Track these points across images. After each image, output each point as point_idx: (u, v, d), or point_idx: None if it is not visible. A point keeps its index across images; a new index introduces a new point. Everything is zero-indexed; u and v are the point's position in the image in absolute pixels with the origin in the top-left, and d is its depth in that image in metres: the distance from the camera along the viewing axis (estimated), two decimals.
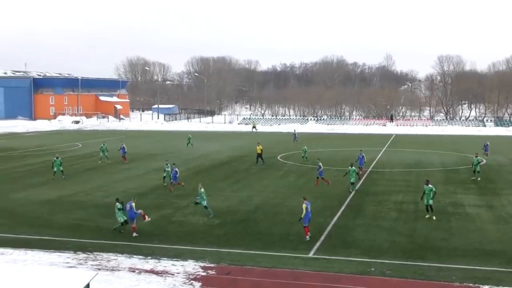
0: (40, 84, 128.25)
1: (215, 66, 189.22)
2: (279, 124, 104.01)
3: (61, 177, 37.37)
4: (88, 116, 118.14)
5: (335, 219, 25.80)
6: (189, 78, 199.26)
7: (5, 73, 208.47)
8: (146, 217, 23.58)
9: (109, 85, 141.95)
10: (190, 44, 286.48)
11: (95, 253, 20.39)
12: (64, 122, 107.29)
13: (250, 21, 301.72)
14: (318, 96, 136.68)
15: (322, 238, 22.34)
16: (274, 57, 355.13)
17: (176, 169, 33.31)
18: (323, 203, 29.29)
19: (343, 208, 28.29)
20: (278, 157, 50.21)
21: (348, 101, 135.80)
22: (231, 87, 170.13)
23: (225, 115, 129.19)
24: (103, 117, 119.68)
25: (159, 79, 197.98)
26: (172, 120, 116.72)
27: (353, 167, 32.96)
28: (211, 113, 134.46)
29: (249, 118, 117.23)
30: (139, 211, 23.20)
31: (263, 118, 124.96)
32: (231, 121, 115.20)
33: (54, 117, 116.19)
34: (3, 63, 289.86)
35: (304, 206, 22.15)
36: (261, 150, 45.23)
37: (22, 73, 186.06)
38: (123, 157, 47.04)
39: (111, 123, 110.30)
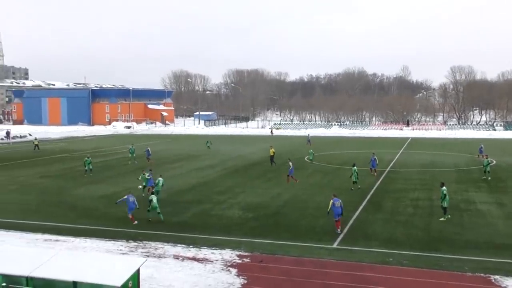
0: (97, 94, 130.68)
1: (249, 77, 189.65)
2: (306, 129, 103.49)
3: (89, 174, 38.15)
4: (138, 122, 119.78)
5: (357, 213, 25.50)
6: (226, 88, 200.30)
7: (68, 85, 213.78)
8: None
9: (156, 95, 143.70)
10: (227, 58, 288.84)
11: (144, 242, 20.61)
12: (118, 127, 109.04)
13: (280, 37, 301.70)
14: (341, 104, 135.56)
15: (345, 230, 22.10)
16: (301, 68, 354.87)
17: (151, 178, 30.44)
18: (346, 199, 28.89)
19: (364, 203, 27.95)
20: (305, 158, 49.90)
21: (368, 107, 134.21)
22: (263, 95, 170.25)
23: (258, 121, 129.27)
24: (151, 123, 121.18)
25: (200, 89, 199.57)
26: (211, 125, 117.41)
27: (355, 167, 32.41)
28: (246, 119, 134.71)
29: (279, 123, 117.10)
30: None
31: (292, 123, 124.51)
32: (263, 126, 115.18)
33: (109, 122, 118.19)
34: (66, 76, 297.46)
35: (330, 202, 21.98)
36: (273, 152, 44.98)
37: (82, 85, 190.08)
38: (148, 159, 46.96)
39: (158, 128, 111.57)
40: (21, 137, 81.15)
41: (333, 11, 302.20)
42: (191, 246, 19.85)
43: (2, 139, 76.29)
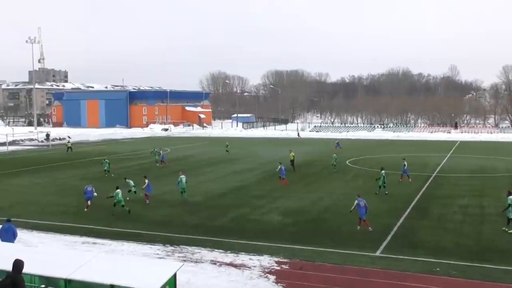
0: (135, 96, 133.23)
1: (289, 78, 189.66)
2: (347, 131, 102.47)
3: (111, 175, 39.63)
4: (176, 124, 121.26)
5: (401, 220, 25.01)
6: (265, 89, 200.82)
7: (106, 87, 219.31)
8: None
9: (194, 97, 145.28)
10: (266, 59, 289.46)
11: (181, 246, 20.82)
12: (155, 130, 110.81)
13: (321, 37, 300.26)
14: (384, 105, 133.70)
15: (389, 238, 21.71)
16: (342, 69, 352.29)
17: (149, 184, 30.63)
18: (389, 205, 28.50)
19: (409, 210, 27.39)
20: (347, 162, 49.39)
21: (413, 109, 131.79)
22: (303, 97, 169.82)
23: (297, 123, 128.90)
24: (189, 125, 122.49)
25: (238, 91, 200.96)
26: (250, 128, 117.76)
27: (383, 171, 32.21)
28: (285, 121, 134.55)
29: (319, 126, 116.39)
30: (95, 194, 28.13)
31: (333, 125, 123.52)
32: (303, 128, 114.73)
33: (146, 125, 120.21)
34: (105, 79, 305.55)
35: (355, 202, 23.25)
36: (293, 156, 44.64)
37: (120, 87, 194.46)
38: (163, 162, 47.73)
39: (195, 131, 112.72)
40: (60, 139, 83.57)
41: (375, 8, 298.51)
42: (228, 252, 19.93)
43: (42, 141, 78.84)
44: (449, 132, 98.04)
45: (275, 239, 21.80)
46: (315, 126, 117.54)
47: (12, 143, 72.41)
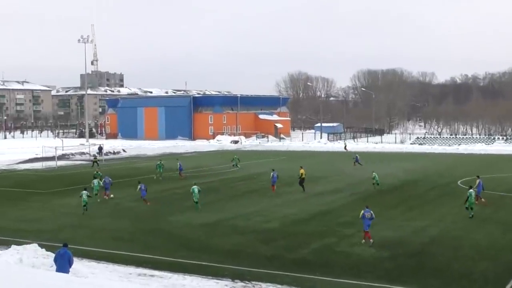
0: (199, 102, 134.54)
1: (385, 79, 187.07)
2: (459, 145, 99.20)
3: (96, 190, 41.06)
4: (247, 135, 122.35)
5: None
6: (355, 93, 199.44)
7: (166, 92, 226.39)
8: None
9: (269, 103, 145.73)
10: (356, 57, 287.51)
11: (253, 282, 20.93)
12: (223, 142, 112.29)
13: (424, 29, 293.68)
14: (507, 112, 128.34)
15: None
16: (452, 67, 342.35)
17: (143, 187, 38.24)
18: None
19: None
20: (459, 182, 47.73)
21: None
22: (402, 102, 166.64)
23: (395, 134, 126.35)
24: (263, 137, 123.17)
25: (322, 95, 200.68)
26: (337, 140, 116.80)
27: (471, 190, 32.39)
28: (380, 132, 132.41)
29: (423, 137, 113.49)
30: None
31: (440, 137, 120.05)
32: (402, 140, 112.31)
33: (213, 136, 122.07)
34: (165, 83, 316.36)
35: (361, 212, 26.66)
36: (303, 174, 43.86)
37: (182, 92, 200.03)
38: (180, 174, 53.82)
39: (271, 143, 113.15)
40: (114, 153, 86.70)
41: None
42: None
43: (94, 155, 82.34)
44: None
45: (367, 276, 21.49)
46: (417, 138, 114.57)
47: (62, 157, 75.91)
